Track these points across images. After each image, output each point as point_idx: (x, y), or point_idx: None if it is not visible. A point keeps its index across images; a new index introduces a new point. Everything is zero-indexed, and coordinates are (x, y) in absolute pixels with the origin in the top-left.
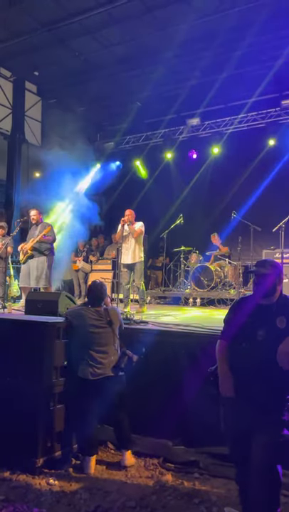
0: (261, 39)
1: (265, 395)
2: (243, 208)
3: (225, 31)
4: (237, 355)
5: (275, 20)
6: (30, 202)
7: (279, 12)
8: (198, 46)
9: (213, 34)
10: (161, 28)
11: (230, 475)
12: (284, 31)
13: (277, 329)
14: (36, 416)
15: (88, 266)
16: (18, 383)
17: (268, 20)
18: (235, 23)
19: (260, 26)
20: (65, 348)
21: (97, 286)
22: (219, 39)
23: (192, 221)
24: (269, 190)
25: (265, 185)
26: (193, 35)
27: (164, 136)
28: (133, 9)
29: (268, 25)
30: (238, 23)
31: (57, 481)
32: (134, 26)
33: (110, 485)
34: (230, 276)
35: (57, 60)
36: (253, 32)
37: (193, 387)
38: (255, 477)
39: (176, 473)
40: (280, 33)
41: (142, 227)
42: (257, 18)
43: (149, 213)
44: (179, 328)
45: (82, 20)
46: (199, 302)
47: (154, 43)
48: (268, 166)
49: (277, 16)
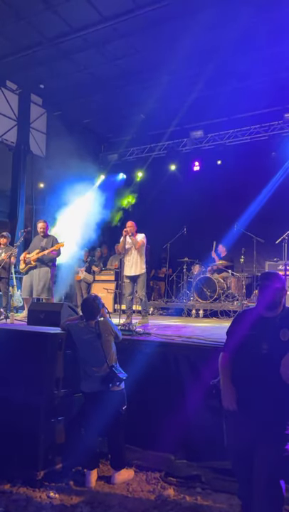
0: (264, 52)
1: (268, 409)
2: (246, 220)
3: (228, 44)
4: (240, 368)
5: (278, 33)
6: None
7: (282, 25)
8: (201, 59)
9: (216, 47)
10: (164, 41)
11: (232, 490)
12: (286, 44)
13: (280, 342)
14: (37, 428)
15: (90, 276)
16: (19, 394)
17: (271, 34)
18: (239, 36)
19: (263, 39)
20: (65, 359)
21: (90, 301)
22: (222, 52)
23: (195, 232)
24: (272, 202)
25: (268, 197)
26: (196, 48)
27: (167, 148)
28: (137, 23)
29: (270, 39)
30: (241, 37)
31: (57, 494)
32: (138, 40)
33: (111, 499)
34: (233, 287)
35: (62, 73)
36: (256, 45)
37: (195, 400)
38: (258, 492)
39: (178, 487)
40: (283, 46)
41: (143, 239)
42: (260, 31)
43: (153, 224)
44: (182, 340)
45: (87, 34)
46: (202, 314)
47: (157, 57)
48: (271, 178)
49: (280, 29)
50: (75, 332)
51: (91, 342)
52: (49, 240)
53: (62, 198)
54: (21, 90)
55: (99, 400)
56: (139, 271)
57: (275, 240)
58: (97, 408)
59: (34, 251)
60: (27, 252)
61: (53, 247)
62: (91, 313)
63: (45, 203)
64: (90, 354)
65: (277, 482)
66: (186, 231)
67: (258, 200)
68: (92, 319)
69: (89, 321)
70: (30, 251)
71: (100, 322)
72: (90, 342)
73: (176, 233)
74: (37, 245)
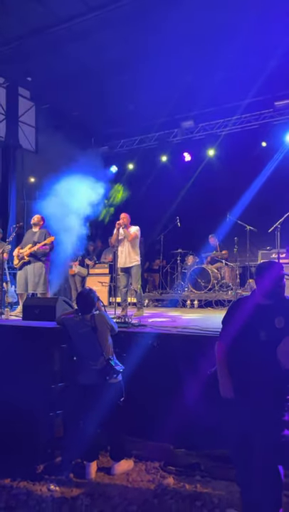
0: (253, 40)
1: (265, 396)
2: (239, 209)
3: (217, 33)
4: (238, 356)
5: (267, 21)
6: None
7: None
8: (190, 48)
9: (205, 36)
10: (152, 31)
11: (231, 477)
12: (276, 32)
13: (276, 329)
14: (35, 422)
15: (84, 270)
16: (17, 389)
17: (260, 21)
18: (228, 24)
19: (253, 27)
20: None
21: (84, 295)
22: (211, 41)
23: (188, 223)
24: (264, 191)
25: (259, 185)
26: (184, 37)
27: (158, 139)
28: (124, 13)
29: (260, 26)
30: (230, 25)
31: (58, 487)
32: (126, 30)
33: (112, 490)
34: (227, 277)
35: (49, 65)
36: (246, 33)
37: (193, 390)
38: (257, 478)
39: (177, 476)
40: (273, 34)
41: (137, 231)
42: (249, 19)
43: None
44: (177, 330)
45: (74, 25)
46: (197, 304)
47: (146, 47)
48: (262, 166)
49: (269, 17)
50: (70, 326)
51: (87, 335)
52: (41, 233)
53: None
54: (9, 84)
55: (96, 393)
56: (132, 262)
57: (268, 229)
58: (95, 401)
59: (27, 246)
60: (20, 247)
61: (44, 241)
62: (86, 306)
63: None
64: (86, 348)
65: (275, 468)
66: (179, 222)
67: (250, 189)
68: (88, 313)
69: (84, 314)
70: (23, 246)
71: (95, 315)
72: (85, 335)
73: (169, 225)
74: (29, 240)
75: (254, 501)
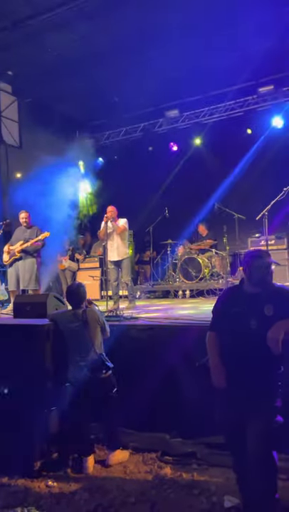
0: (236, 27)
1: (258, 383)
2: (227, 197)
3: (199, 20)
4: (229, 345)
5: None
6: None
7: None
8: (172, 36)
9: (187, 24)
10: (133, 20)
11: (228, 463)
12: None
13: (266, 317)
14: (31, 419)
15: (75, 264)
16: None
17: (242, 8)
18: (210, 12)
19: (235, 14)
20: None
21: (73, 289)
22: (194, 28)
23: (177, 213)
24: (251, 178)
25: (246, 173)
26: (166, 25)
27: (143, 130)
28: (104, 3)
29: (242, 13)
30: (212, 12)
31: (56, 482)
32: (106, 20)
33: (109, 483)
34: (217, 266)
35: (30, 58)
36: (228, 20)
37: (186, 379)
38: (252, 465)
39: (174, 465)
40: (254, 20)
41: (125, 224)
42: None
43: (134, 208)
44: (170, 321)
45: (52, 16)
46: (189, 294)
47: (127, 36)
48: (248, 153)
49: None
50: (61, 321)
51: (78, 330)
52: (33, 230)
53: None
54: None
55: (89, 388)
56: (122, 255)
57: (256, 216)
58: (87, 395)
59: (17, 242)
60: (9, 244)
61: (38, 237)
62: (76, 300)
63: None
64: (77, 343)
65: (269, 453)
66: (167, 213)
67: (238, 176)
68: (78, 307)
69: (76, 309)
70: (13, 243)
71: (87, 311)
72: (76, 330)
73: (157, 216)
74: (20, 237)
75: (250, 487)
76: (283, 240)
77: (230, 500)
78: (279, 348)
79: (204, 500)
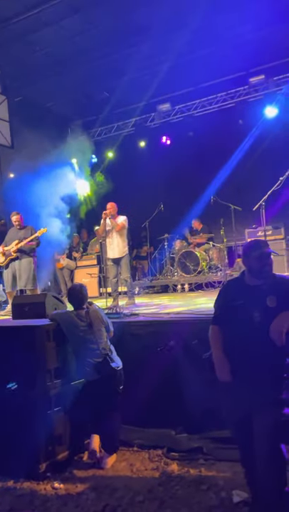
0: (225, 17)
1: (263, 376)
2: (222, 189)
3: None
4: (233, 338)
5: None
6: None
7: None
8: (160, 29)
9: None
10: (121, 13)
11: (235, 457)
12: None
13: (268, 309)
14: (35, 421)
15: (73, 263)
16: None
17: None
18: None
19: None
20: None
21: (75, 290)
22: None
23: (172, 208)
24: (245, 169)
25: (240, 164)
26: (154, 18)
27: (135, 125)
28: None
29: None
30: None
31: (62, 484)
32: (94, 14)
33: (116, 481)
34: (215, 258)
35: (18, 56)
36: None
37: (190, 374)
38: (260, 459)
39: (181, 461)
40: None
41: (124, 222)
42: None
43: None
44: (170, 316)
45: (39, 13)
46: (187, 288)
47: (115, 30)
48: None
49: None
50: (63, 322)
51: (82, 331)
52: (27, 230)
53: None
54: None
55: (94, 388)
56: (121, 253)
57: (252, 207)
58: (93, 395)
59: (12, 243)
60: (3, 245)
61: (34, 235)
62: (79, 301)
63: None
64: (82, 343)
65: (277, 446)
66: (162, 207)
67: (232, 168)
68: (80, 308)
69: (78, 310)
70: (7, 243)
71: (90, 311)
72: (81, 331)
73: (153, 211)
74: (14, 237)
75: (259, 482)
76: (280, 230)
77: (238, 494)
78: (283, 339)
79: (213, 496)
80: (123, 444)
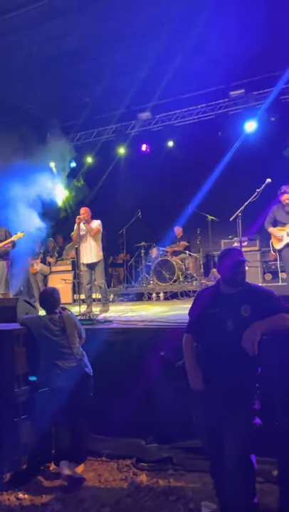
0: (207, 30)
1: (235, 385)
2: (200, 200)
3: (171, 21)
4: (206, 347)
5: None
6: None
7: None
8: (143, 38)
9: (158, 25)
10: (104, 19)
11: (204, 468)
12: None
13: (243, 318)
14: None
15: (47, 268)
16: None
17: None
18: (181, 12)
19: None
20: (27, 355)
21: (48, 294)
22: (165, 30)
23: (150, 216)
24: (223, 180)
25: (219, 175)
26: (137, 26)
27: (115, 132)
28: (75, 2)
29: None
30: (183, 13)
31: (27, 494)
32: (77, 19)
33: (83, 492)
34: (191, 268)
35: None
36: (200, 22)
37: (162, 383)
38: (230, 468)
39: (150, 472)
40: (226, 23)
41: (99, 226)
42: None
43: (107, 210)
44: (144, 324)
45: (22, 14)
46: (162, 296)
47: (98, 36)
48: (220, 156)
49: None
50: (34, 327)
51: (55, 336)
52: (1, 232)
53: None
54: None
55: (66, 394)
56: (96, 258)
57: (229, 218)
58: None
59: None
60: None
61: (10, 238)
62: (52, 305)
63: None
64: (54, 349)
65: (247, 456)
66: (140, 215)
67: (210, 179)
68: (53, 312)
69: (51, 314)
70: None
71: (63, 316)
72: (54, 336)
73: (131, 218)
74: None
75: (228, 491)
76: (255, 242)
77: (207, 505)
78: (255, 349)
79: (181, 507)
80: (91, 453)
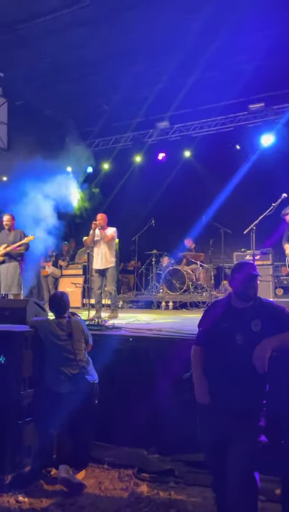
0: (229, 43)
1: (242, 401)
2: (214, 211)
3: (193, 34)
4: (214, 360)
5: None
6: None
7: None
8: (165, 49)
9: (180, 37)
10: (127, 30)
11: (206, 482)
12: (252, 36)
13: (253, 333)
14: (3, 431)
15: (58, 271)
16: None
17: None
18: (204, 26)
19: (228, 30)
20: (34, 358)
21: (57, 298)
22: (187, 42)
23: (163, 224)
24: (239, 193)
25: (234, 187)
26: (160, 37)
27: (133, 139)
28: (99, 11)
29: (236, 30)
30: (206, 27)
31: (27, 497)
32: (100, 28)
33: (84, 499)
34: (202, 279)
35: (22, 61)
36: (221, 36)
37: (167, 394)
38: (232, 485)
39: (151, 483)
40: (249, 37)
41: (114, 233)
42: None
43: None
44: (152, 333)
45: (47, 21)
46: (172, 306)
47: (120, 46)
48: (237, 168)
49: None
50: (42, 330)
51: (61, 341)
52: (16, 233)
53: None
54: None
55: (69, 400)
56: (107, 264)
57: (243, 231)
58: (66, 407)
59: (1, 246)
60: None
61: (22, 241)
62: (60, 309)
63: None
64: (59, 354)
65: (251, 474)
66: (153, 223)
67: (225, 191)
68: (62, 316)
69: (59, 318)
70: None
71: (72, 321)
72: (60, 340)
73: (144, 225)
74: (4, 240)
75: (230, 508)
76: (268, 256)
77: None
78: (265, 366)
79: None
80: (93, 460)
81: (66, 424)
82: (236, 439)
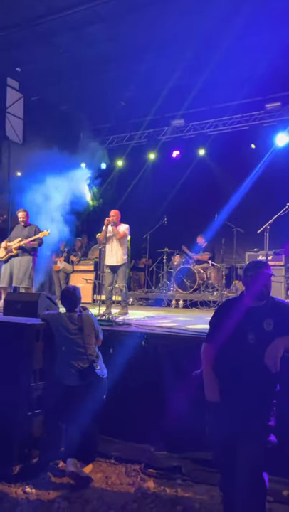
0: (245, 41)
1: (252, 400)
2: (227, 210)
3: (209, 32)
4: (225, 359)
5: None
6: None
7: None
8: (181, 47)
9: (196, 35)
10: (144, 27)
11: (213, 481)
12: (269, 34)
13: (265, 332)
14: (13, 422)
15: (69, 266)
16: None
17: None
18: (219, 24)
19: (244, 28)
20: (44, 350)
21: (69, 292)
22: (202, 40)
23: (175, 222)
24: (253, 192)
25: (248, 187)
26: (176, 35)
27: (147, 137)
28: (117, 7)
29: (251, 28)
30: (222, 24)
31: (34, 489)
32: (118, 25)
33: (90, 493)
34: (213, 278)
35: (40, 56)
36: (237, 33)
37: (176, 391)
38: (241, 485)
39: (158, 479)
40: (264, 35)
41: (126, 230)
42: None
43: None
44: (162, 330)
45: (65, 16)
46: (182, 304)
47: (137, 43)
48: (252, 167)
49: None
50: (54, 323)
51: (72, 335)
52: (31, 228)
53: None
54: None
55: (77, 393)
56: (119, 261)
57: (255, 231)
58: (75, 401)
59: (16, 239)
60: (8, 240)
61: (37, 235)
62: (72, 303)
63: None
64: (69, 347)
65: (260, 474)
66: (166, 221)
67: (239, 190)
68: (73, 310)
69: (71, 312)
70: (11, 239)
71: (83, 316)
72: (71, 334)
73: (156, 223)
74: (19, 234)
75: (237, 508)
76: (281, 257)
77: None
78: (277, 366)
79: None
80: (100, 455)
81: (74, 417)
82: (246, 439)
